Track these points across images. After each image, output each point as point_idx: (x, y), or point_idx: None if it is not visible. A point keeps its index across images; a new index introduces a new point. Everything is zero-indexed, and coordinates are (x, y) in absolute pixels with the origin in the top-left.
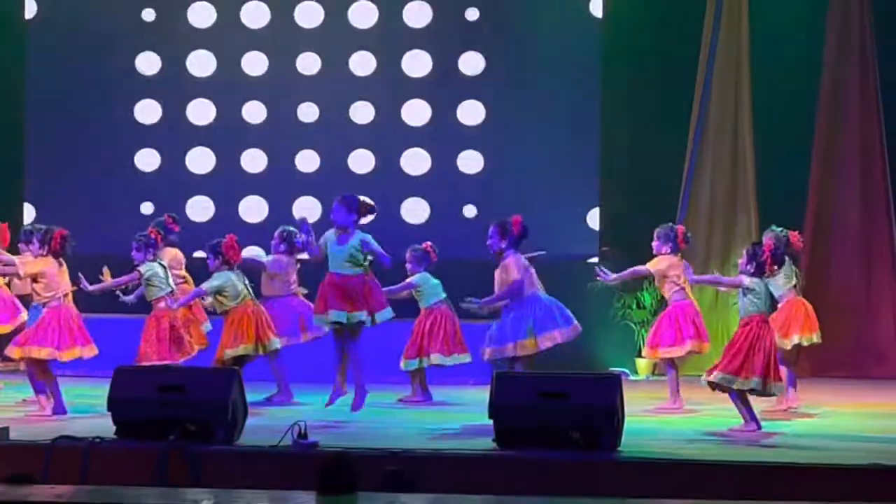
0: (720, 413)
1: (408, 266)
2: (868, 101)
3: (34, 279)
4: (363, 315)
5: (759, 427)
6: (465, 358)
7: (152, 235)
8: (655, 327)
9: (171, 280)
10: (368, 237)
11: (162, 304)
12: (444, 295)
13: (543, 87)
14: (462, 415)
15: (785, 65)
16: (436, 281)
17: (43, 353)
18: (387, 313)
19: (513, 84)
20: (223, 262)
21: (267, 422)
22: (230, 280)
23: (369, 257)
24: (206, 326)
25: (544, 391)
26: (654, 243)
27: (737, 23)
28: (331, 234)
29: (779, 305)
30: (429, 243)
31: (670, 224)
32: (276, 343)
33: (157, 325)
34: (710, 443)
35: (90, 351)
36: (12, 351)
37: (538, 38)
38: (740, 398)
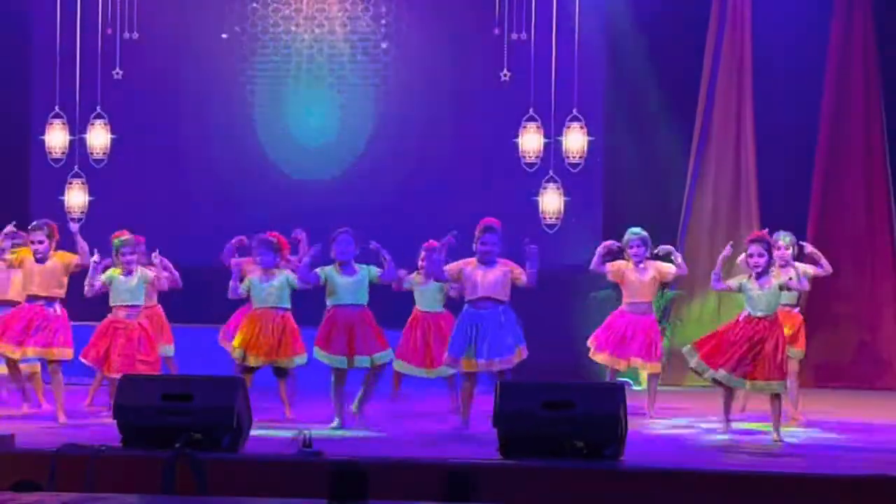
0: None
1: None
2: (871, 111)
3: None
4: None
5: None
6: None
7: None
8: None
9: None
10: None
11: None
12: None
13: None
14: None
15: (787, 74)
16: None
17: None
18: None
19: None
20: None
21: (271, 430)
22: None
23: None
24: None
25: (548, 400)
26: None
27: (740, 32)
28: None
29: None
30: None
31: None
32: None
33: None
34: (713, 452)
35: None
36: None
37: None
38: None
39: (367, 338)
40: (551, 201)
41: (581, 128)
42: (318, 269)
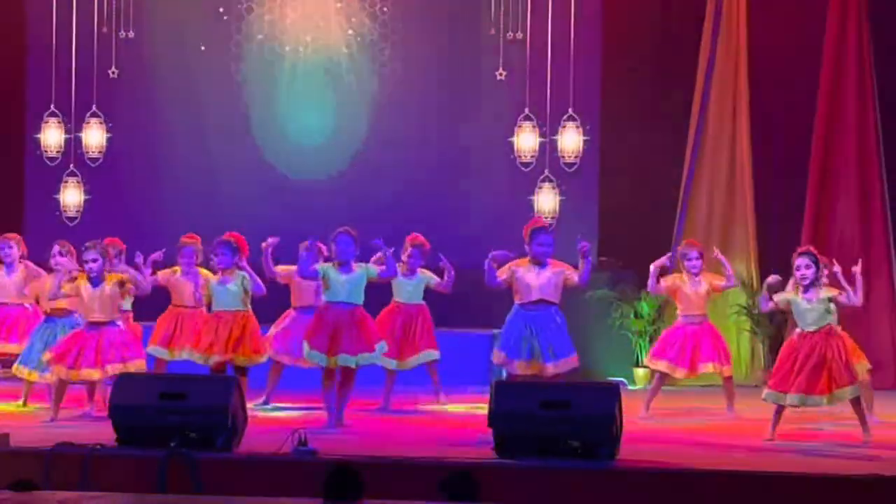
0: (717, 422)
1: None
2: (865, 113)
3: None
4: None
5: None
6: None
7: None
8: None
9: None
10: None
11: None
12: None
13: None
14: (461, 422)
15: (783, 75)
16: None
17: None
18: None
19: None
20: None
21: (266, 429)
22: None
23: None
24: None
25: (544, 400)
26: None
27: (735, 32)
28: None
29: None
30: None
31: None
32: None
33: None
34: (708, 452)
35: None
36: None
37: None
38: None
39: (353, 338)
40: (547, 201)
41: (576, 127)
42: (318, 265)
